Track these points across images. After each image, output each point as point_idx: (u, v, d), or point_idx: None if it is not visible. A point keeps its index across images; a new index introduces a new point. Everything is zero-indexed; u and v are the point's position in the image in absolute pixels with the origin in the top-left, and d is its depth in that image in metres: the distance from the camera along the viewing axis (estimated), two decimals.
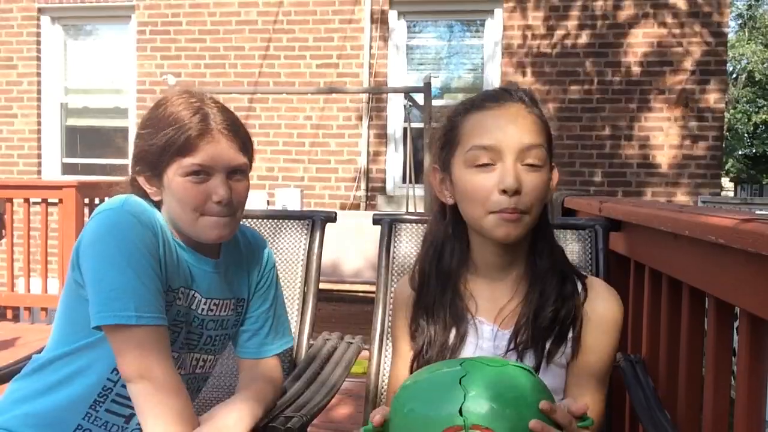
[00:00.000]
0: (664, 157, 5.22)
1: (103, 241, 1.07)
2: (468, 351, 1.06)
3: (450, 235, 1.10)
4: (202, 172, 1.10)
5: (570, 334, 1.03)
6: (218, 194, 1.11)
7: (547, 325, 1.02)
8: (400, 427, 0.84)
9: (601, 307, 1.05)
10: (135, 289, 1.04)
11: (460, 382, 0.81)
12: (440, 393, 0.82)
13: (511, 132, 0.98)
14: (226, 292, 1.26)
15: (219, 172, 1.11)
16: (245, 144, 1.17)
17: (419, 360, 1.09)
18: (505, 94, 1.03)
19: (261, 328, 1.33)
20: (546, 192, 1.01)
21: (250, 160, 1.19)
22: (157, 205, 1.18)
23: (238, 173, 1.15)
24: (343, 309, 4.71)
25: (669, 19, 5.18)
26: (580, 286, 1.06)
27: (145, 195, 1.17)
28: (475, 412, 0.79)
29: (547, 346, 1.02)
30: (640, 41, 5.21)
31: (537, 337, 1.02)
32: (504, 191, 0.96)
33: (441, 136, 1.08)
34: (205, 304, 1.22)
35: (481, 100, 1.04)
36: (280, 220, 1.83)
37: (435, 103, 4.70)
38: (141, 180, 1.15)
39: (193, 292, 1.20)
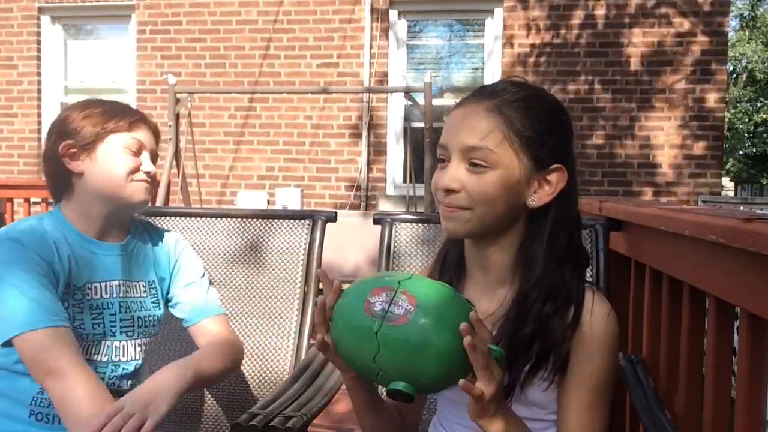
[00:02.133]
0: (664, 157, 5.22)
1: None
2: None
3: None
4: (138, 148, 1.34)
5: (552, 357, 0.98)
6: (148, 166, 1.35)
7: (523, 348, 0.98)
8: (339, 306, 0.93)
9: (589, 328, 0.98)
10: (22, 304, 1.15)
11: (399, 283, 0.89)
12: (380, 277, 0.93)
13: (456, 132, 1.00)
14: (134, 274, 1.41)
15: (147, 152, 1.36)
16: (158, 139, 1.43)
17: None
18: (476, 93, 1.03)
19: (192, 300, 1.47)
20: (497, 194, 0.97)
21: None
22: (66, 192, 1.33)
23: (155, 158, 1.40)
24: None
25: (669, 19, 5.18)
26: (572, 308, 0.99)
27: (63, 173, 1.30)
28: (410, 285, 0.88)
29: (526, 368, 0.98)
30: (640, 40, 5.21)
31: (512, 356, 0.97)
32: (446, 189, 1.00)
33: None
34: (118, 287, 1.36)
35: (461, 98, 1.05)
36: (281, 220, 1.83)
37: (435, 102, 4.70)
38: (63, 151, 1.29)
39: (103, 283, 1.33)
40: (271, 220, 1.83)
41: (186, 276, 1.48)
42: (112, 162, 1.31)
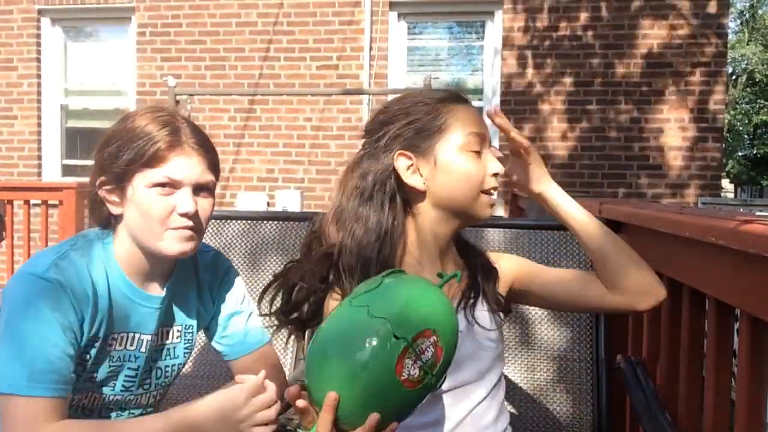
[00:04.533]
0: (664, 159, 5.22)
1: (14, 308, 1.05)
2: None
3: (395, 223, 1.08)
4: (169, 185, 1.10)
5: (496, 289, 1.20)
6: (184, 207, 1.10)
7: (483, 291, 1.17)
8: (351, 398, 0.81)
9: (503, 266, 1.25)
10: (33, 359, 1.01)
11: (369, 314, 0.81)
12: (362, 337, 0.81)
13: (485, 125, 1.15)
14: (171, 321, 1.25)
15: (186, 186, 1.11)
16: (214, 163, 1.17)
17: None
18: (462, 96, 1.18)
19: (232, 334, 1.29)
20: None
21: (217, 179, 1.19)
22: (114, 224, 1.16)
23: (204, 190, 1.15)
24: None
25: (669, 20, 5.18)
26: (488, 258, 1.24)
27: (104, 210, 1.15)
28: (404, 326, 0.80)
29: (482, 309, 1.17)
30: (640, 42, 5.21)
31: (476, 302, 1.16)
32: (496, 174, 1.11)
33: (419, 122, 1.09)
34: (148, 341, 1.20)
35: (459, 96, 1.16)
36: (281, 222, 1.83)
37: None
38: (102, 193, 1.13)
39: (132, 334, 1.18)
40: (271, 222, 1.83)
41: (228, 306, 1.30)
42: (142, 207, 1.10)
